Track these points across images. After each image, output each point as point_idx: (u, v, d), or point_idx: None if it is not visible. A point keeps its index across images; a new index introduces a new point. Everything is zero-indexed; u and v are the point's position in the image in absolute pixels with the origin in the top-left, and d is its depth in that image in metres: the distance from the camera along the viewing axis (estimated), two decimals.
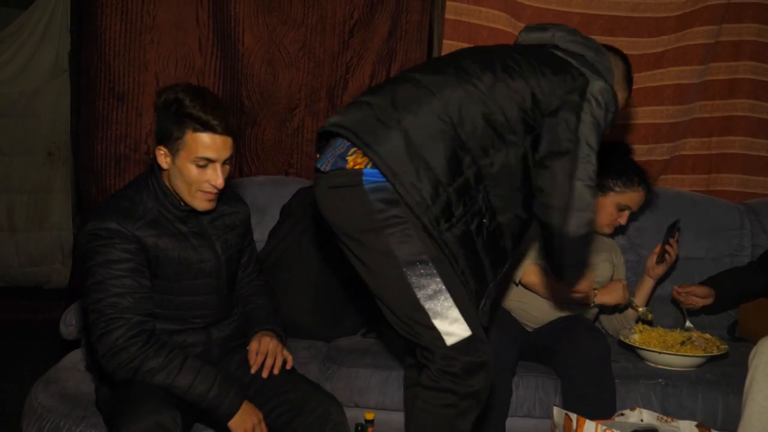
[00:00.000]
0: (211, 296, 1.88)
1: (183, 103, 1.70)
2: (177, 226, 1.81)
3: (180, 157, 1.73)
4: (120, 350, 1.66)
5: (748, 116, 3.07)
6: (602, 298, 2.40)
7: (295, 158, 3.07)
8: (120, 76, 2.88)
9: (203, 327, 1.88)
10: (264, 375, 1.87)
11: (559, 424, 2.02)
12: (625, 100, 2.04)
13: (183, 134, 1.71)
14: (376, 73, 3.06)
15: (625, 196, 2.47)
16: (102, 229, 1.71)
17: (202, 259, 1.84)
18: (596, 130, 1.74)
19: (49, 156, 4.64)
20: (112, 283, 1.69)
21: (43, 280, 4.69)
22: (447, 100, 1.65)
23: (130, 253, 1.72)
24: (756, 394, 1.98)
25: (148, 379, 1.67)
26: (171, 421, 1.58)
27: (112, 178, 2.91)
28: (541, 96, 1.70)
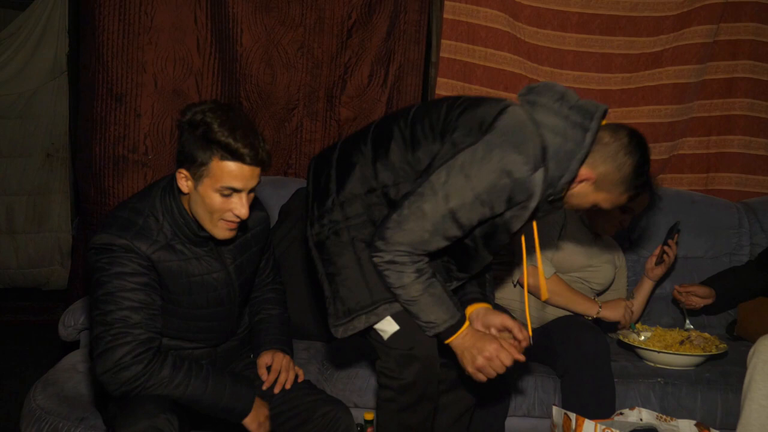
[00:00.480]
0: (219, 322, 1.83)
1: (211, 127, 1.57)
2: (193, 249, 1.72)
3: (203, 184, 1.61)
4: (124, 369, 1.59)
5: (747, 115, 3.08)
6: (605, 313, 2.40)
7: (293, 158, 3.07)
8: (118, 77, 2.87)
9: (210, 346, 1.85)
10: (276, 391, 1.84)
11: (558, 424, 2.02)
12: (612, 203, 1.76)
13: (209, 160, 1.58)
14: (375, 73, 3.06)
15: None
16: (114, 245, 1.63)
17: (215, 287, 1.76)
18: (472, 205, 1.63)
19: (47, 157, 4.63)
20: (124, 295, 1.61)
21: (42, 281, 4.68)
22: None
23: (144, 268, 1.64)
24: (755, 392, 1.98)
25: (158, 393, 1.61)
26: (166, 423, 1.56)
27: (110, 180, 2.90)
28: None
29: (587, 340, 2.19)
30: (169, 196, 1.70)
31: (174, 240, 1.69)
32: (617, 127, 1.76)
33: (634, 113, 3.05)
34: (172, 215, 1.69)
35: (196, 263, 1.73)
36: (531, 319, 2.40)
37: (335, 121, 3.08)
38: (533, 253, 2.03)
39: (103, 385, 1.63)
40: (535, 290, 2.38)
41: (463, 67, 3.03)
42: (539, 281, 2.34)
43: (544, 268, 2.36)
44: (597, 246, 2.51)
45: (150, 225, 1.67)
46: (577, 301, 2.39)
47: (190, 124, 1.60)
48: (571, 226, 2.47)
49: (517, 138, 1.62)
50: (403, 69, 3.10)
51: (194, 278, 1.73)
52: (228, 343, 1.89)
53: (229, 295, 1.81)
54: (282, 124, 3.03)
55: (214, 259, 1.76)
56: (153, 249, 1.66)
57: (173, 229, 1.69)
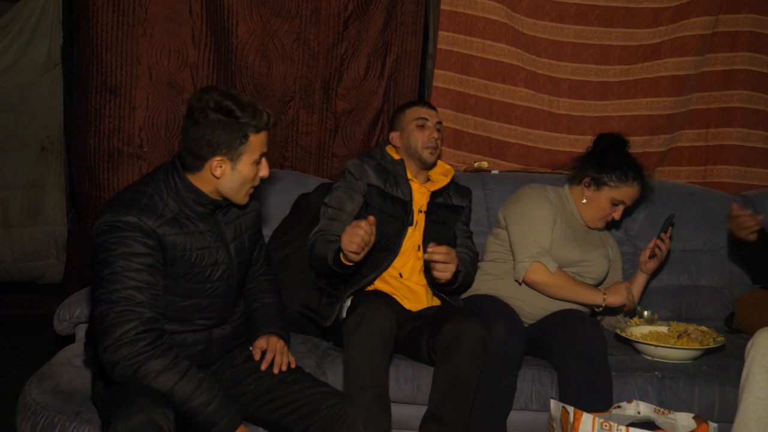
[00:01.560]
0: (217, 300, 1.85)
1: (234, 112, 1.71)
2: (197, 224, 1.78)
3: (242, 161, 1.76)
4: (126, 344, 1.60)
5: (745, 107, 3.06)
6: (610, 299, 2.39)
7: (290, 151, 3.05)
8: (112, 69, 2.85)
9: (205, 328, 1.86)
10: (275, 371, 1.87)
11: (556, 417, 2.01)
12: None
13: (246, 139, 1.74)
14: (372, 65, 3.04)
15: (619, 191, 2.45)
16: (121, 222, 1.66)
17: (216, 262, 1.81)
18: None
19: (42, 150, 4.60)
20: (130, 275, 1.64)
21: (38, 275, 4.67)
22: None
23: (149, 248, 1.68)
24: (753, 385, 1.98)
25: (148, 381, 1.61)
26: (162, 417, 1.55)
27: (105, 173, 2.88)
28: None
29: (584, 333, 2.19)
30: (173, 176, 1.77)
31: (179, 215, 1.75)
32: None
33: (632, 105, 3.04)
34: (177, 192, 1.76)
35: (199, 237, 1.78)
36: (526, 314, 2.41)
37: (332, 113, 3.06)
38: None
39: (103, 363, 1.64)
40: (540, 287, 2.37)
41: (461, 59, 3.01)
42: (545, 278, 2.34)
43: (546, 261, 2.36)
44: (590, 240, 2.50)
45: (155, 202, 1.73)
46: (582, 292, 2.38)
47: (213, 116, 1.70)
48: (562, 221, 2.46)
49: None
50: (400, 61, 3.08)
51: (197, 252, 1.77)
52: (223, 328, 1.90)
53: (228, 272, 1.85)
54: (278, 117, 3.01)
55: (215, 237, 1.82)
56: (159, 223, 1.70)
57: (178, 205, 1.75)
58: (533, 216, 2.42)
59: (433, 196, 2.44)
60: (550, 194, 2.50)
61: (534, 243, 2.38)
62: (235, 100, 1.73)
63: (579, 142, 3.01)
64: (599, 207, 2.47)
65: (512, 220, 2.46)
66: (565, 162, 3.02)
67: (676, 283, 2.82)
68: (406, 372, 2.25)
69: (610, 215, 2.49)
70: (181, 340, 1.79)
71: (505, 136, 3.05)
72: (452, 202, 2.49)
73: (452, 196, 2.50)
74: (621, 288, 2.41)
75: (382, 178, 2.40)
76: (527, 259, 2.37)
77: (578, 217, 2.52)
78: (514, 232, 2.44)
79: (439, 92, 3.03)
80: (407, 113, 2.49)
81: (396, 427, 2.26)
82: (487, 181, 2.91)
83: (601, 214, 2.48)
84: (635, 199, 2.51)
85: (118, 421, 1.54)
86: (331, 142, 3.07)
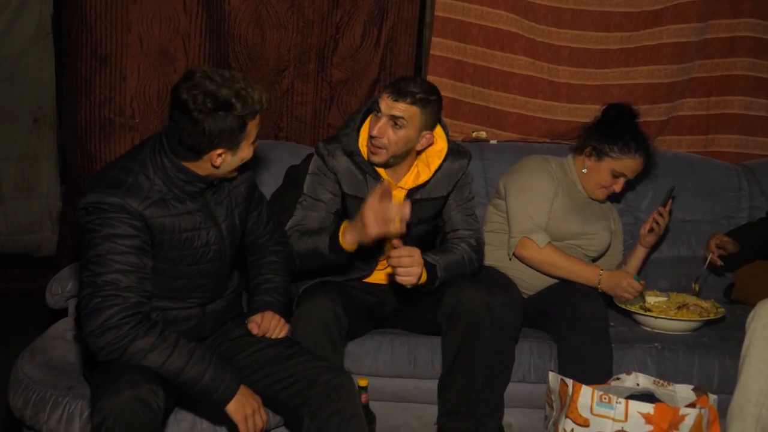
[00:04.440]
0: (209, 280, 1.82)
1: (233, 104, 1.64)
2: (186, 204, 1.72)
3: (241, 147, 1.72)
4: (111, 329, 1.57)
5: (748, 75, 3.02)
6: (605, 286, 2.31)
7: (285, 121, 3.00)
8: (102, 38, 2.78)
9: (198, 305, 1.83)
10: (270, 336, 1.87)
11: (555, 389, 2.00)
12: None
13: (245, 127, 1.69)
14: (368, 32, 2.97)
15: (620, 162, 2.40)
16: (105, 203, 1.61)
17: (207, 242, 1.77)
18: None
19: (35, 122, 4.55)
20: (114, 258, 1.60)
21: (33, 248, 4.64)
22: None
23: (135, 230, 1.63)
24: (753, 357, 1.97)
25: (137, 361, 1.59)
26: (150, 394, 1.54)
27: (97, 144, 2.83)
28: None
29: (585, 305, 2.17)
30: (160, 154, 1.70)
31: (167, 195, 1.69)
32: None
33: (632, 74, 2.98)
34: (164, 171, 1.69)
35: (188, 218, 1.73)
36: (527, 286, 2.39)
37: (327, 82, 3.00)
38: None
39: (88, 346, 1.62)
40: (530, 262, 2.34)
41: (459, 26, 2.95)
42: (534, 254, 2.30)
43: (537, 237, 2.31)
44: (592, 212, 2.46)
45: (141, 182, 1.67)
46: (575, 272, 2.32)
47: (212, 114, 1.62)
48: (563, 193, 2.42)
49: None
50: (397, 28, 3.01)
51: (186, 233, 1.72)
52: (216, 303, 1.87)
53: (220, 252, 1.81)
54: (272, 86, 2.95)
55: (205, 216, 1.77)
56: (145, 205, 1.65)
57: (166, 184, 1.69)
58: (532, 189, 2.38)
59: (410, 193, 2.17)
60: (552, 166, 2.45)
61: (528, 218, 2.34)
62: (232, 89, 1.64)
63: (578, 111, 2.97)
64: (599, 178, 2.42)
65: (511, 193, 2.42)
66: (564, 131, 3.00)
67: (676, 253, 2.80)
68: (401, 347, 2.23)
69: (611, 187, 2.43)
70: (173, 316, 1.76)
71: (504, 106, 3.00)
72: (432, 195, 2.21)
73: (435, 187, 2.20)
74: (620, 279, 2.31)
75: (354, 181, 2.16)
76: (518, 234, 2.33)
77: (580, 188, 2.47)
78: (511, 206, 2.40)
79: (436, 61, 2.97)
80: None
81: (394, 400, 2.27)
82: (485, 151, 2.88)
83: (601, 184, 2.43)
84: (637, 172, 2.45)
85: (105, 397, 1.52)
86: (327, 112, 3.02)
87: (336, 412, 1.72)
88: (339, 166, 2.15)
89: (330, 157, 2.16)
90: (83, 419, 1.77)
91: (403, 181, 2.18)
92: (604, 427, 1.86)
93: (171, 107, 1.67)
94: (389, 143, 2.06)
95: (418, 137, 2.10)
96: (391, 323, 2.29)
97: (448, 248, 2.17)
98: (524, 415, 2.27)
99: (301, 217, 2.17)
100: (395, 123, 2.05)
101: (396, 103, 2.04)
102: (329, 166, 2.16)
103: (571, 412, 1.90)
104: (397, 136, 2.06)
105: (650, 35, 2.96)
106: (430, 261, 2.05)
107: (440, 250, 2.17)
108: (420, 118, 2.06)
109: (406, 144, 2.09)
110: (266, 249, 2.03)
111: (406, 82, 2.08)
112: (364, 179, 2.15)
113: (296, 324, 1.97)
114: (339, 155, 2.15)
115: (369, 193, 1.96)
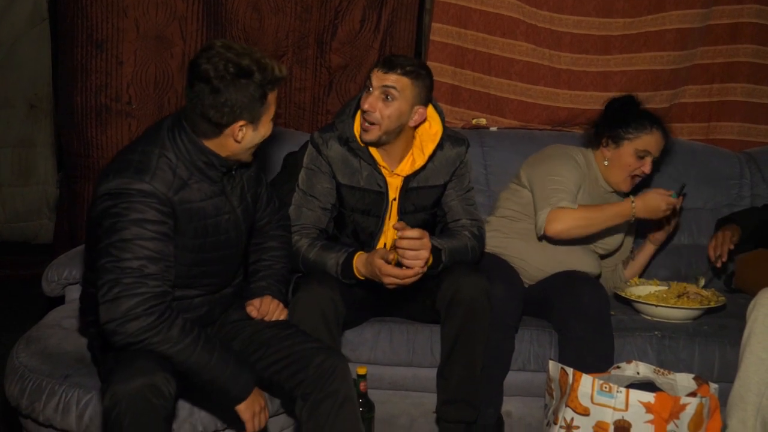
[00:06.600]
0: (223, 266, 1.80)
1: (253, 73, 1.61)
2: (207, 190, 1.69)
3: (262, 122, 1.69)
4: (134, 319, 1.52)
5: (751, 62, 2.99)
6: (641, 212, 2.24)
7: (283, 107, 2.97)
8: (98, 23, 2.75)
9: (210, 292, 1.81)
10: (266, 318, 1.87)
11: (555, 378, 1.99)
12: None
13: (265, 99, 1.66)
14: (367, 17, 2.94)
15: (641, 140, 2.34)
16: (133, 189, 1.57)
17: (227, 229, 1.75)
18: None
19: (31, 108, 4.51)
20: (143, 243, 1.55)
21: (31, 235, 4.62)
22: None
23: (164, 215, 1.59)
24: (754, 345, 1.96)
25: (160, 351, 1.56)
26: (164, 381, 1.52)
27: (93, 130, 2.81)
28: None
29: (587, 293, 2.15)
30: (180, 135, 1.67)
31: (191, 179, 1.67)
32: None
33: (635, 60, 2.95)
34: (187, 153, 1.66)
35: (210, 204, 1.71)
36: (528, 276, 2.37)
37: (326, 68, 2.97)
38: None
39: (106, 335, 1.56)
40: (563, 233, 2.21)
41: (459, 11, 2.91)
42: (566, 222, 2.19)
43: (567, 204, 2.21)
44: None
45: (164, 166, 1.63)
46: (610, 217, 2.24)
47: (234, 82, 1.59)
48: (585, 190, 2.35)
49: None
50: (397, 13, 2.98)
51: (210, 220, 1.71)
52: (225, 290, 1.86)
53: (237, 238, 1.80)
54: None
55: (224, 201, 1.75)
56: (173, 190, 1.62)
57: (188, 168, 1.66)
58: (560, 174, 2.30)
59: (406, 180, 2.14)
60: (578, 157, 2.40)
61: (556, 192, 2.24)
62: (252, 57, 1.63)
63: (580, 98, 2.94)
64: (623, 164, 2.36)
65: (538, 176, 2.33)
66: (566, 118, 2.98)
67: (677, 241, 2.78)
68: (400, 336, 2.22)
69: (639, 170, 2.36)
70: (186, 305, 1.74)
71: (504, 92, 2.97)
72: (429, 183, 2.17)
73: (432, 175, 2.16)
74: (657, 203, 2.23)
75: (349, 170, 2.13)
76: (546, 207, 2.22)
77: (602, 183, 2.42)
78: (537, 187, 2.31)
79: (436, 46, 2.93)
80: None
81: (393, 389, 2.26)
82: (485, 138, 2.86)
83: (627, 172, 2.36)
84: (660, 148, 2.39)
85: (118, 383, 1.50)
86: (326, 98, 2.99)
87: (329, 395, 1.71)
88: (333, 155, 2.13)
89: (324, 147, 2.14)
90: (80, 408, 1.75)
91: (399, 167, 2.16)
92: (605, 416, 1.85)
93: (189, 81, 1.63)
94: (381, 117, 2.03)
95: (411, 112, 2.07)
96: (389, 311, 2.27)
97: (452, 234, 2.16)
98: (524, 404, 2.26)
99: (297, 215, 2.15)
100: (387, 96, 2.02)
101: (387, 75, 2.02)
102: (323, 156, 2.14)
103: (571, 400, 1.89)
104: (389, 109, 2.03)
105: (653, 21, 2.93)
106: (437, 245, 2.05)
107: (445, 234, 2.16)
108: (412, 90, 2.03)
109: (398, 118, 2.05)
110: (267, 233, 2.02)
111: (396, 57, 2.09)
112: (359, 166, 2.13)
113: (293, 311, 1.95)
114: (334, 144, 2.14)
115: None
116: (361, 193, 2.14)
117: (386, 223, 2.16)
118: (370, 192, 2.14)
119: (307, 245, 2.09)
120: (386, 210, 2.15)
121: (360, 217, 2.16)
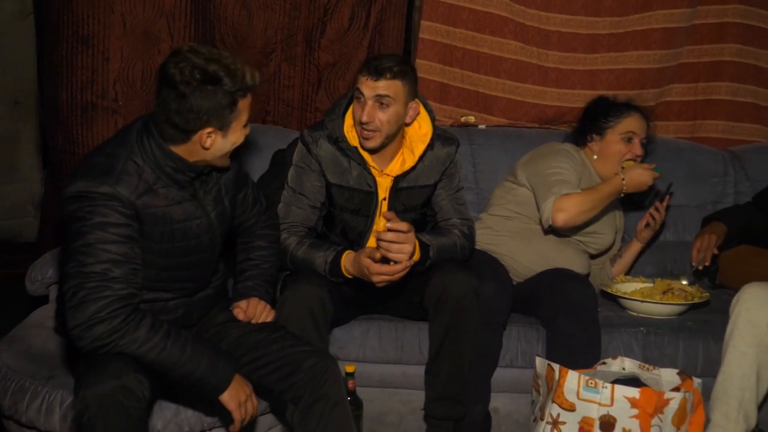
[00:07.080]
0: (198, 270, 1.79)
1: (221, 78, 1.58)
2: (176, 194, 1.67)
3: (232, 128, 1.66)
4: (100, 322, 1.51)
5: (736, 61, 3.02)
6: (630, 187, 2.28)
7: (272, 105, 2.96)
8: (84, 18, 2.72)
9: (186, 295, 1.80)
10: (253, 321, 1.86)
11: (542, 375, 2.00)
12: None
13: (235, 106, 1.63)
14: (356, 15, 2.93)
15: (622, 123, 2.41)
16: (95, 192, 1.55)
17: (198, 233, 1.73)
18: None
19: (15, 105, 4.47)
20: (105, 247, 1.53)
21: (15, 233, 4.58)
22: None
23: (127, 218, 1.57)
24: (737, 340, 1.99)
25: (129, 354, 1.54)
26: (136, 383, 1.50)
27: (79, 127, 2.78)
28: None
29: (574, 289, 2.16)
30: (148, 139, 1.64)
31: (156, 184, 1.64)
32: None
33: (622, 58, 2.97)
34: (154, 157, 1.64)
35: (178, 208, 1.68)
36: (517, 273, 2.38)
37: (315, 66, 2.96)
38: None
39: (72, 340, 1.55)
40: (570, 220, 2.21)
41: (448, 9, 2.92)
42: (571, 208, 2.19)
43: (570, 189, 2.22)
44: (603, 210, 2.35)
45: (130, 170, 1.61)
46: (606, 195, 2.27)
47: (200, 88, 1.56)
48: (585, 185, 2.36)
49: None
50: (386, 11, 2.97)
51: (177, 225, 1.68)
52: (203, 292, 1.85)
53: (210, 242, 1.78)
54: (259, 69, 2.87)
55: (195, 206, 1.72)
56: (136, 194, 1.60)
57: (155, 172, 1.64)
58: (559, 168, 2.32)
59: (396, 180, 2.15)
60: (574, 153, 2.42)
61: (557, 181, 2.25)
62: (220, 63, 1.59)
63: (567, 96, 2.96)
64: (612, 153, 2.41)
65: (535, 172, 2.35)
66: (554, 116, 2.99)
67: (662, 238, 2.80)
68: (389, 333, 2.23)
69: (631, 153, 2.40)
70: (161, 307, 1.73)
71: (493, 90, 2.98)
72: (419, 183, 2.18)
73: (422, 175, 2.17)
74: (644, 178, 2.29)
75: (339, 169, 2.13)
76: (550, 197, 2.21)
77: (597, 179, 2.44)
78: (537, 182, 2.33)
79: (425, 44, 2.94)
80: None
81: (382, 386, 2.26)
82: (474, 136, 2.86)
83: (618, 160, 2.39)
84: (644, 128, 2.44)
85: (88, 386, 1.48)
86: (314, 95, 2.98)
87: (320, 399, 1.71)
88: (323, 154, 2.13)
89: (314, 145, 2.14)
90: (63, 409, 1.73)
91: (389, 168, 2.16)
92: (590, 411, 1.86)
93: (158, 86, 1.61)
94: (381, 124, 2.05)
95: (406, 110, 2.09)
96: (378, 309, 2.28)
97: (442, 232, 2.17)
98: (511, 400, 2.27)
99: (285, 213, 2.15)
100: (381, 103, 2.03)
101: (377, 83, 2.02)
102: (313, 154, 2.14)
103: (557, 396, 1.90)
104: (387, 115, 2.04)
105: (640, 20, 2.95)
106: (425, 241, 2.06)
107: (434, 232, 2.17)
108: (403, 91, 2.05)
109: (397, 121, 2.08)
110: (254, 232, 2.00)
111: (377, 60, 2.06)
112: (348, 165, 2.13)
113: (280, 309, 1.95)
114: (324, 143, 2.13)
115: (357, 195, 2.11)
116: (350, 192, 2.14)
117: (375, 222, 2.16)
118: (360, 192, 2.14)
119: (296, 243, 2.09)
120: (375, 210, 2.16)
121: (349, 217, 2.16)
